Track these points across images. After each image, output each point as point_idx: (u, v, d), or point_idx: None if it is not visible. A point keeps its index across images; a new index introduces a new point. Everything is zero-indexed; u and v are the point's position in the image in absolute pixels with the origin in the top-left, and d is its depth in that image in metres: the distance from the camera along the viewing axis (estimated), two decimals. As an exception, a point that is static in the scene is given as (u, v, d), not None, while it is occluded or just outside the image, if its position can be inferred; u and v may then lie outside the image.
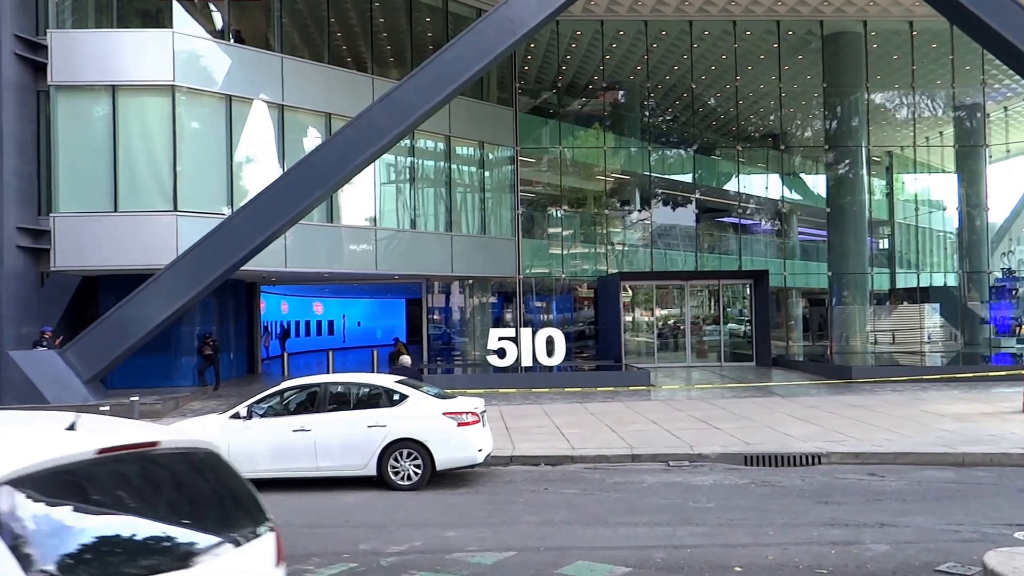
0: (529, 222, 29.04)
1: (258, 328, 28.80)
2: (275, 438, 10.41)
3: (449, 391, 12.00)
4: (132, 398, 16.19)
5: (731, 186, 30.67)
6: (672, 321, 28.54)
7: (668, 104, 31.02)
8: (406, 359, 14.38)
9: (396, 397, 10.60)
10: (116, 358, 17.72)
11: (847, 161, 27.74)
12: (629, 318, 27.84)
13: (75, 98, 19.34)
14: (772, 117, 30.46)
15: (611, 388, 19.83)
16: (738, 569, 6.52)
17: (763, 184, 30.74)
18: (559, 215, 29.75)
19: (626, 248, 30.07)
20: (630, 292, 28.20)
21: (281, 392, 10.88)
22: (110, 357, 17.60)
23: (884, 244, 32.22)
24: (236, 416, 10.64)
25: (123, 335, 17.47)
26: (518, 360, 20.10)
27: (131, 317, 17.42)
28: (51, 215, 19.21)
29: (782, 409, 15.77)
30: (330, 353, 27.73)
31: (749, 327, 26.99)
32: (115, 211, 19.25)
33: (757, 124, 31.67)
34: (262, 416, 10.57)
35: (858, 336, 27.33)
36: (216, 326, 23.30)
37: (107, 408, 14.78)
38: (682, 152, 31.00)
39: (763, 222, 31.54)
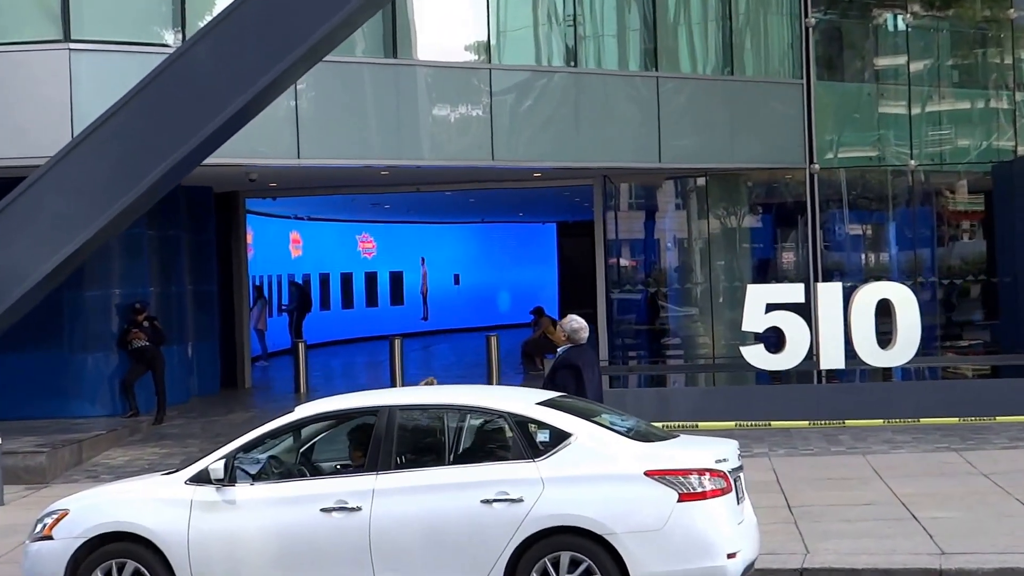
0: (832, 46, 28.58)
1: (244, 290, 29.64)
2: (285, 526, 10.58)
3: (658, 425, 12.17)
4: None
5: None
6: None
7: None
8: (577, 324, 14.23)
9: (544, 438, 10.54)
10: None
11: None
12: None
13: None
14: None
15: (1028, 418, 20.27)
16: None
17: None
18: (898, 29, 28.67)
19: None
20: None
21: (295, 427, 11.06)
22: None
23: None
24: (201, 479, 10.66)
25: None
26: (812, 353, 20.17)
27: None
28: None
29: None
30: (395, 342, 28.09)
31: None
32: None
33: None
34: (255, 478, 10.63)
35: None
36: (156, 288, 24.42)
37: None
38: None
39: None
